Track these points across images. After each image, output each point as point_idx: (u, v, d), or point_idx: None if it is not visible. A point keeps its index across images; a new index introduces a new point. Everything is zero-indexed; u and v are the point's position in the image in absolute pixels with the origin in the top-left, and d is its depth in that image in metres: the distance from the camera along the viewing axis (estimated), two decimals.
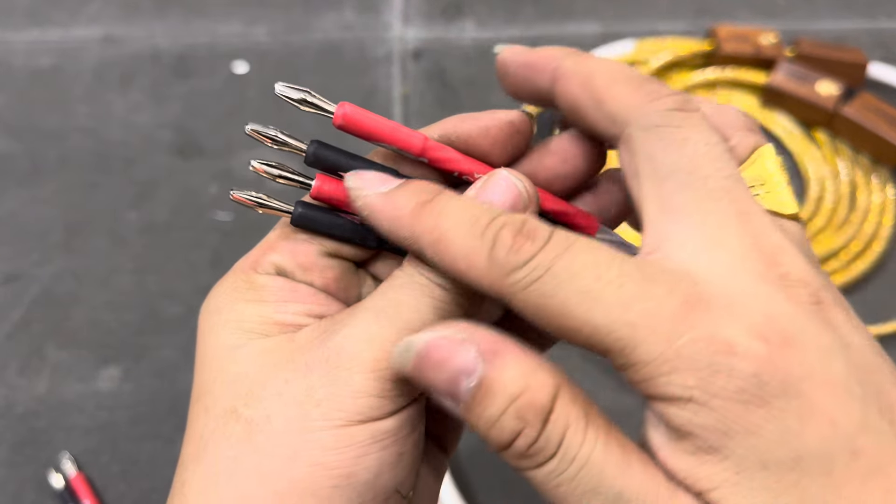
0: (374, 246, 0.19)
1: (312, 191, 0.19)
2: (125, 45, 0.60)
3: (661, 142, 0.16)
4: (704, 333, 0.14)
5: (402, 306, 0.17)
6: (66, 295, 0.46)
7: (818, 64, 0.55)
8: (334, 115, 0.18)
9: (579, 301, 0.14)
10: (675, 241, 0.15)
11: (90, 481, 0.39)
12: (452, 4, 0.64)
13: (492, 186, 0.17)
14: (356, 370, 0.16)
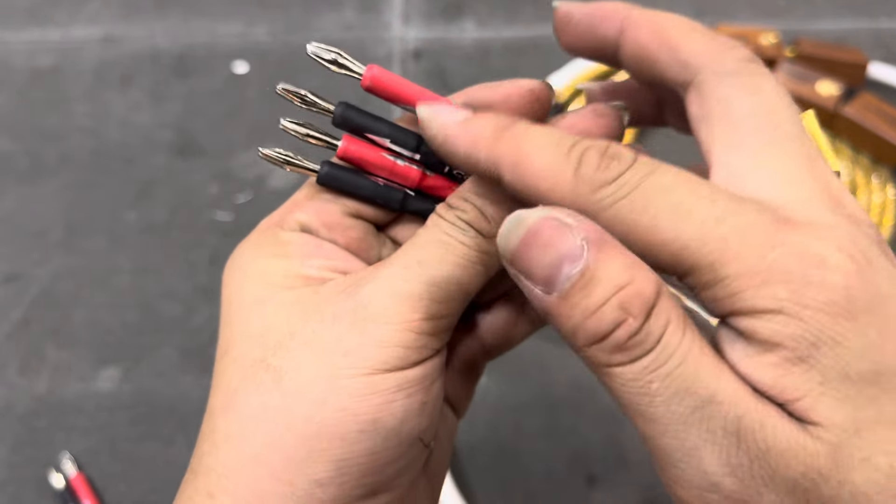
0: (397, 208, 0.20)
1: (339, 150, 0.19)
2: (125, 44, 0.60)
3: (736, 88, 0.17)
4: (796, 248, 0.14)
5: (426, 263, 0.17)
6: (66, 295, 0.46)
7: (818, 64, 0.55)
8: (363, 77, 0.19)
9: (670, 215, 0.14)
10: (750, 178, 0.16)
11: (90, 481, 0.39)
12: (452, 4, 0.64)
13: None
14: (382, 322, 0.17)
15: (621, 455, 0.40)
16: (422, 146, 0.19)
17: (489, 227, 0.18)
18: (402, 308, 0.17)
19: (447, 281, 0.17)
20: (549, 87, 0.20)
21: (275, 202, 0.20)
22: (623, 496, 0.39)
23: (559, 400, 0.42)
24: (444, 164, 0.20)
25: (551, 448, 0.40)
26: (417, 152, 0.19)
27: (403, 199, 0.19)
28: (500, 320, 0.22)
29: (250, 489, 0.16)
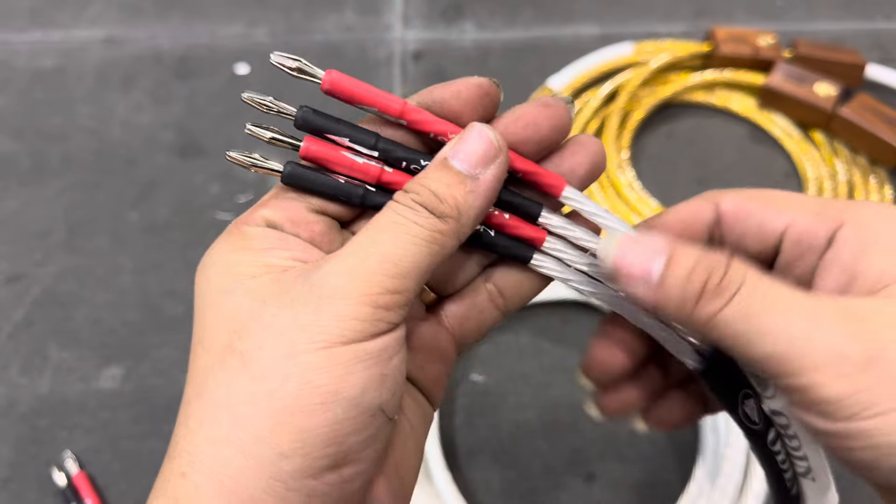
0: (358, 203, 0.21)
1: (301, 150, 0.20)
2: (127, 46, 0.60)
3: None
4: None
5: (380, 242, 0.18)
6: (68, 295, 0.46)
7: (816, 65, 0.56)
8: (322, 81, 0.20)
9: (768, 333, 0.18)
10: None
11: (92, 479, 0.39)
12: (452, 6, 0.64)
13: (466, 137, 0.19)
14: (338, 297, 0.18)
15: (620, 453, 0.40)
16: (379, 143, 0.20)
17: (442, 206, 0.19)
18: (357, 283, 0.18)
19: (401, 258, 0.18)
20: (496, 85, 0.21)
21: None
22: (622, 494, 0.39)
23: (558, 399, 0.42)
24: (402, 160, 0.21)
25: (550, 446, 0.40)
26: (375, 150, 0.20)
27: (363, 194, 0.20)
28: (464, 308, 0.23)
29: (219, 465, 0.17)
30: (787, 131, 0.55)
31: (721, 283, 0.18)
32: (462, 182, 0.19)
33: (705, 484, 0.37)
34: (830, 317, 0.17)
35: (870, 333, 0.17)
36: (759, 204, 0.21)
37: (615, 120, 0.53)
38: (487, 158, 0.19)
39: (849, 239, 0.19)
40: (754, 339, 0.18)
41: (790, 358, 0.17)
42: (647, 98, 0.56)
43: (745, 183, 0.53)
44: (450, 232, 0.19)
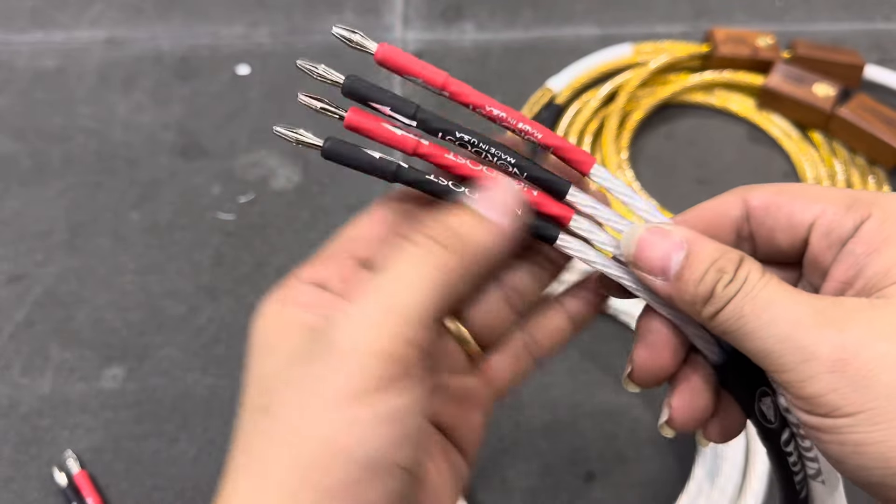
0: (391, 179, 0.21)
1: (346, 120, 0.21)
2: (128, 47, 0.61)
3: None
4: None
5: (392, 287, 0.18)
6: (70, 295, 0.46)
7: (815, 66, 0.56)
8: (375, 52, 0.21)
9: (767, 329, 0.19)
10: None
11: (93, 479, 0.39)
12: (452, 7, 0.64)
13: (489, 186, 0.20)
14: (347, 351, 0.18)
15: (619, 452, 0.40)
16: (418, 112, 0.21)
17: (451, 238, 0.19)
18: (366, 336, 0.18)
19: (412, 302, 0.18)
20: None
21: (276, 202, 0.21)
22: (621, 493, 0.39)
23: (558, 398, 0.42)
24: (439, 130, 0.21)
25: (550, 446, 0.40)
26: (414, 119, 0.21)
27: (396, 170, 0.21)
28: (504, 357, 0.24)
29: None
30: (785, 132, 0.55)
31: (729, 285, 0.19)
32: (478, 222, 0.20)
33: (705, 483, 0.37)
34: (810, 317, 0.18)
35: (843, 335, 0.17)
36: (789, 197, 0.21)
37: (614, 120, 0.54)
38: (506, 207, 0.20)
39: (868, 231, 0.19)
40: (746, 336, 0.19)
41: (773, 356, 0.18)
42: (646, 99, 0.56)
43: (744, 183, 0.53)
44: (460, 269, 0.19)
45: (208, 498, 0.39)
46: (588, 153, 0.22)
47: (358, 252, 0.21)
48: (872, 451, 0.17)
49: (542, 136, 0.21)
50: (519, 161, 0.21)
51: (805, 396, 0.18)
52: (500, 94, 0.58)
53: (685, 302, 0.20)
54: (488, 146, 0.21)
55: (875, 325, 0.17)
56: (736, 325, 0.19)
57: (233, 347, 0.44)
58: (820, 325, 0.18)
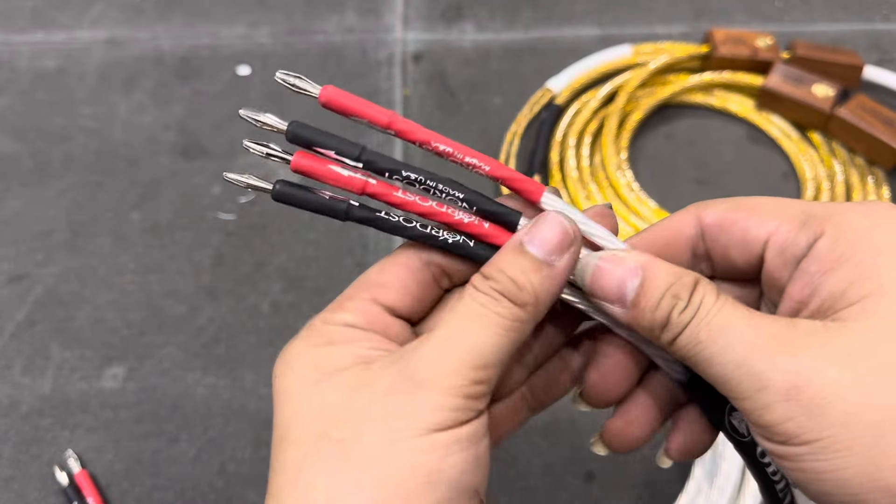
0: (343, 218, 0.22)
1: (292, 164, 0.21)
2: (129, 47, 0.61)
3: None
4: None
5: (466, 331, 0.19)
6: (70, 295, 0.47)
7: (814, 66, 0.56)
8: (319, 95, 0.21)
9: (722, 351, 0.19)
10: None
11: (94, 478, 0.39)
12: (452, 7, 0.64)
13: (542, 224, 0.20)
14: (432, 388, 0.18)
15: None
16: (363, 154, 0.21)
17: (521, 294, 0.19)
18: (448, 376, 0.18)
19: (485, 348, 0.19)
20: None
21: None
22: (621, 493, 0.39)
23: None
24: (385, 171, 0.21)
25: (550, 445, 0.41)
26: (359, 161, 0.21)
27: (347, 209, 0.21)
28: (501, 414, 0.24)
29: None
30: (785, 132, 0.55)
31: (684, 311, 0.19)
32: (539, 269, 0.20)
33: (704, 483, 0.37)
34: (764, 342, 0.18)
35: (796, 361, 0.17)
36: (743, 213, 0.21)
37: (614, 121, 0.54)
38: (563, 246, 0.20)
39: (822, 250, 0.19)
40: (704, 362, 0.19)
41: (731, 382, 0.18)
42: (645, 99, 0.56)
43: (743, 183, 0.53)
44: (528, 319, 0.20)
45: (208, 498, 0.39)
46: (537, 182, 0.22)
47: (381, 298, 0.22)
48: (831, 479, 0.17)
49: (490, 168, 0.21)
50: (468, 195, 0.22)
51: (763, 425, 0.18)
52: (500, 94, 0.58)
53: (643, 328, 0.20)
54: (435, 183, 0.21)
55: (828, 349, 0.17)
56: (693, 350, 0.19)
57: (233, 347, 0.44)
58: (773, 350, 0.18)
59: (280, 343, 0.21)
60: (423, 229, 0.21)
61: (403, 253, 0.22)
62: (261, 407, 0.42)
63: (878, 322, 0.17)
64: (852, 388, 0.17)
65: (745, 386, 0.18)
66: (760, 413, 0.18)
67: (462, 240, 0.21)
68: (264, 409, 0.42)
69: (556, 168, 0.53)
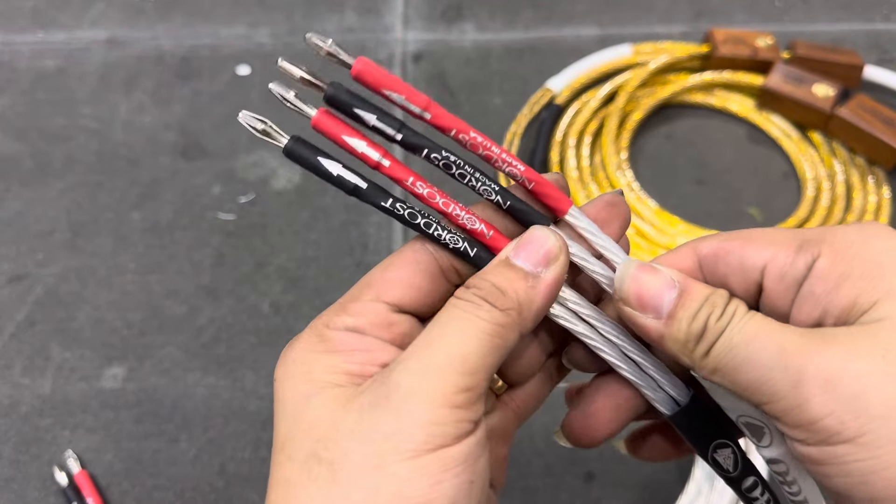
0: (350, 192, 0.21)
1: (312, 120, 0.21)
2: (129, 47, 0.61)
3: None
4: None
5: (448, 339, 0.19)
6: (71, 295, 0.47)
7: (814, 66, 0.56)
8: (352, 67, 0.21)
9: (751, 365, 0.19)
10: None
11: (94, 479, 0.39)
12: (452, 7, 0.64)
13: (528, 238, 0.20)
14: (416, 401, 0.18)
15: (619, 453, 0.40)
16: (403, 129, 0.21)
17: (503, 299, 0.19)
18: (432, 384, 0.18)
19: (468, 354, 0.18)
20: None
21: (277, 202, 0.21)
22: (621, 493, 0.39)
23: (557, 397, 0.42)
24: (423, 149, 0.21)
25: (550, 446, 0.41)
26: (399, 133, 0.21)
27: (354, 189, 0.21)
28: (529, 388, 0.24)
29: None
30: (785, 132, 0.55)
31: (720, 319, 0.19)
32: (524, 278, 0.20)
33: (704, 484, 0.37)
34: (796, 342, 0.18)
35: (829, 353, 0.17)
36: (738, 242, 0.21)
37: (614, 121, 0.54)
38: (549, 258, 0.20)
39: (823, 270, 0.19)
40: (737, 368, 0.19)
41: (766, 384, 0.18)
42: (645, 99, 0.56)
43: (743, 183, 0.53)
44: (511, 325, 0.19)
45: (208, 498, 0.39)
46: (566, 197, 0.22)
47: (386, 296, 0.21)
48: (880, 480, 0.16)
49: (524, 169, 0.21)
50: (503, 191, 0.21)
51: (802, 424, 0.17)
52: (500, 94, 0.58)
53: (677, 341, 0.20)
54: (473, 170, 0.21)
55: (856, 345, 0.17)
56: (727, 358, 0.19)
57: (233, 347, 0.44)
58: (806, 345, 0.18)
59: (280, 343, 0.21)
60: (426, 228, 0.21)
61: (412, 246, 0.22)
62: (261, 407, 0.42)
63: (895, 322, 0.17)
64: (886, 378, 0.17)
65: (780, 385, 0.18)
66: (798, 412, 0.17)
67: (463, 247, 0.21)
68: (264, 409, 0.42)
69: (557, 168, 0.53)
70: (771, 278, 0.20)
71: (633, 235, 0.49)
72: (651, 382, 0.23)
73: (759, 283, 0.21)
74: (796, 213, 0.50)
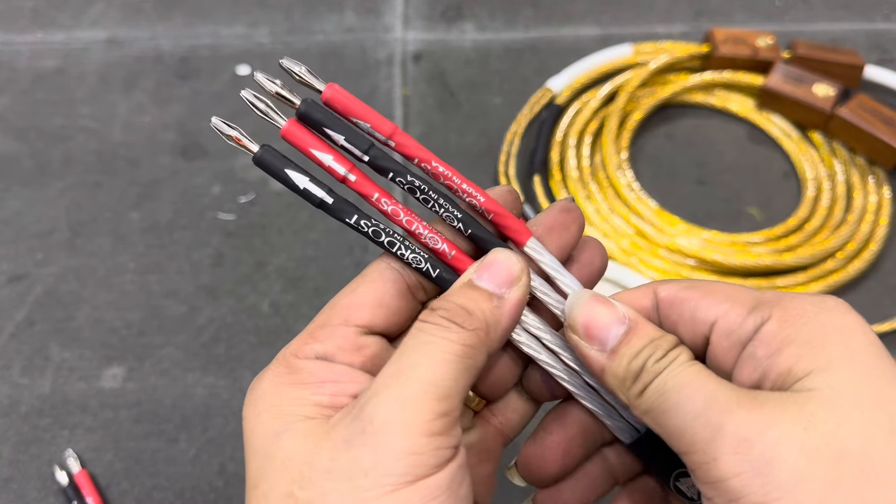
0: (317, 205, 0.21)
1: (282, 130, 0.21)
2: (128, 47, 0.61)
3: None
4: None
5: (417, 365, 0.18)
6: (70, 295, 0.46)
7: (814, 66, 0.56)
8: (322, 92, 0.21)
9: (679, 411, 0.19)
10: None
11: (93, 478, 0.39)
12: (452, 7, 0.64)
13: (491, 261, 0.21)
14: (392, 433, 0.17)
15: None
16: (371, 149, 0.21)
17: (470, 319, 0.19)
18: (405, 413, 0.18)
19: (442, 378, 0.18)
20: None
21: (276, 202, 0.21)
22: None
23: None
24: (389, 172, 0.21)
25: None
26: (367, 154, 0.21)
27: (320, 204, 0.21)
28: (510, 403, 0.24)
29: None
30: (785, 132, 0.55)
31: (659, 361, 0.19)
32: (489, 298, 0.20)
33: None
34: (725, 396, 0.18)
35: (752, 415, 0.17)
36: (695, 293, 0.21)
37: (614, 120, 0.54)
38: (511, 279, 0.20)
39: (768, 333, 0.19)
40: (665, 413, 0.19)
41: (686, 433, 0.18)
42: (646, 99, 0.56)
43: (743, 183, 0.53)
44: (480, 345, 0.19)
45: (208, 498, 0.39)
46: (526, 226, 0.22)
47: (354, 318, 0.21)
48: None
49: (484, 200, 0.21)
50: (465, 217, 0.21)
51: (710, 480, 0.17)
52: (500, 94, 0.58)
53: (616, 376, 0.20)
54: (437, 196, 0.21)
55: (783, 411, 0.17)
56: (658, 401, 0.19)
57: (233, 347, 0.44)
58: (732, 402, 0.18)
59: (280, 343, 0.21)
60: (389, 247, 0.21)
61: (377, 265, 0.22)
62: None
63: (827, 393, 0.17)
64: (802, 451, 0.16)
65: (699, 437, 0.18)
66: (709, 467, 0.17)
67: (426, 268, 0.21)
68: None
69: (557, 168, 0.53)
70: (718, 334, 0.20)
71: (633, 235, 0.49)
72: (611, 410, 0.23)
73: (706, 337, 0.21)
74: (797, 213, 0.50)
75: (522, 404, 0.24)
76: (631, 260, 0.48)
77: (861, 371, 0.17)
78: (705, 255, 0.47)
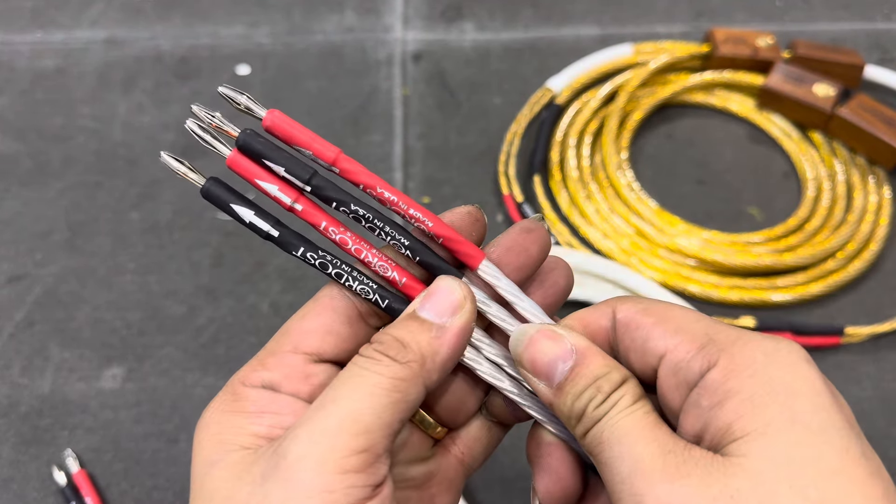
0: (265, 237, 0.21)
1: (228, 159, 0.21)
2: (128, 47, 0.61)
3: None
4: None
5: (342, 399, 0.18)
6: (70, 295, 0.46)
7: (815, 66, 0.56)
8: (263, 120, 0.21)
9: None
10: None
11: (93, 479, 0.39)
12: (452, 7, 0.64)
13: (434, 290, 0.20)
14: (304, 469, 0.17)
15: None
16: (313, 179, 0.21)
17: (404, 352, 0.19)
18: (321, 449, 0.17)
19: (362, 413, 0.18)
20: (480, 210, 0.23)
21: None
22: None
23: None
24: (333, 200, 0.21)
25: None
26: (308, 184, 0.21)
27: (266, 237, 0.21)
28: (471, 432, 0.23)
29: None
30: (785, 131, 0.55)
31: (599, 406, 0.19)
32: (428, 329, 0.19)
33: None
34: (651, 463, 0.17)
35: (672, 489, 0.17)
36: (648, 320, 0.20)
37: (614, 120, 0.54)
38: (454, 307, 0.20)
39: (713, 383, 0.18)
40: (601, 465, 0.18)
41: (614, 495, 0.18)
42: (646, 99, 0.56)
43: (744, 183, 0.53)
44: (413, 378, 0.19)
45: None
46: (477, 248, 0.21)
47: (304, 345, 0.21)
48: None
49: (433, 225, 0.21)
50: (412, 244, 0.21)
51: None
52: (500, 94, 0.58)
53: (561, 414, 0.20)
54: (382, 224, 0.21)
55: (709, 483, 0.16)
56: (596, 449, 0.18)
57: (232, 348, 0.44)
58: (656, 472, 0.17)
59: None
60: (337, 279, 0.21)
61: (329, 291, 0.22)
62: None
63: (757, 465, 0.16)
64: None
65: (623, 501, 0.17)
66: None
67: (375, 298, 0.21)
68: None
69: (557, 168, 0.52)
70: (665, 370, 0.20)
71: (633, 235, 0.49)
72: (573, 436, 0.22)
73: (655, 369, 0.20)
74: (797, 213, 0.50)
75: (486, 432, 0.23)
76: (631, 260, 0.48)
77: (800, 438, 0.16)
78: (705, 255, 0.47)
